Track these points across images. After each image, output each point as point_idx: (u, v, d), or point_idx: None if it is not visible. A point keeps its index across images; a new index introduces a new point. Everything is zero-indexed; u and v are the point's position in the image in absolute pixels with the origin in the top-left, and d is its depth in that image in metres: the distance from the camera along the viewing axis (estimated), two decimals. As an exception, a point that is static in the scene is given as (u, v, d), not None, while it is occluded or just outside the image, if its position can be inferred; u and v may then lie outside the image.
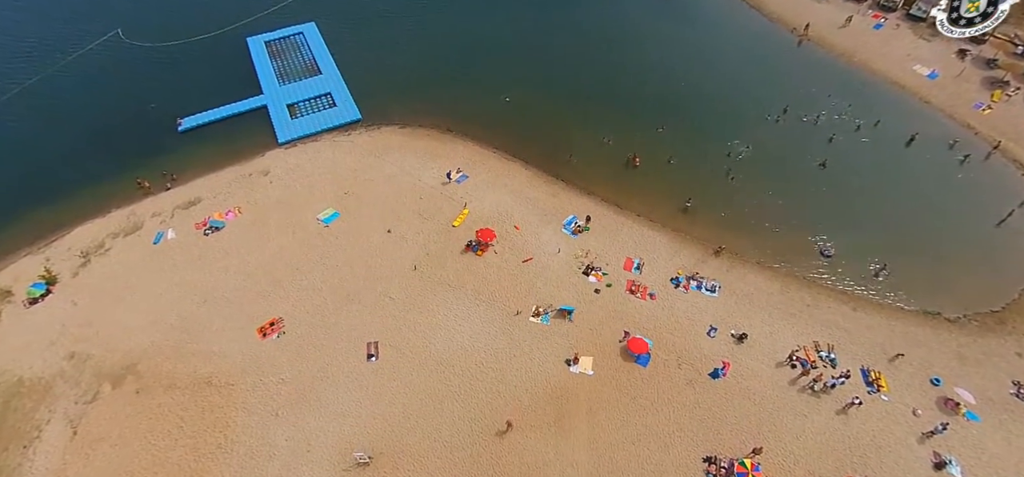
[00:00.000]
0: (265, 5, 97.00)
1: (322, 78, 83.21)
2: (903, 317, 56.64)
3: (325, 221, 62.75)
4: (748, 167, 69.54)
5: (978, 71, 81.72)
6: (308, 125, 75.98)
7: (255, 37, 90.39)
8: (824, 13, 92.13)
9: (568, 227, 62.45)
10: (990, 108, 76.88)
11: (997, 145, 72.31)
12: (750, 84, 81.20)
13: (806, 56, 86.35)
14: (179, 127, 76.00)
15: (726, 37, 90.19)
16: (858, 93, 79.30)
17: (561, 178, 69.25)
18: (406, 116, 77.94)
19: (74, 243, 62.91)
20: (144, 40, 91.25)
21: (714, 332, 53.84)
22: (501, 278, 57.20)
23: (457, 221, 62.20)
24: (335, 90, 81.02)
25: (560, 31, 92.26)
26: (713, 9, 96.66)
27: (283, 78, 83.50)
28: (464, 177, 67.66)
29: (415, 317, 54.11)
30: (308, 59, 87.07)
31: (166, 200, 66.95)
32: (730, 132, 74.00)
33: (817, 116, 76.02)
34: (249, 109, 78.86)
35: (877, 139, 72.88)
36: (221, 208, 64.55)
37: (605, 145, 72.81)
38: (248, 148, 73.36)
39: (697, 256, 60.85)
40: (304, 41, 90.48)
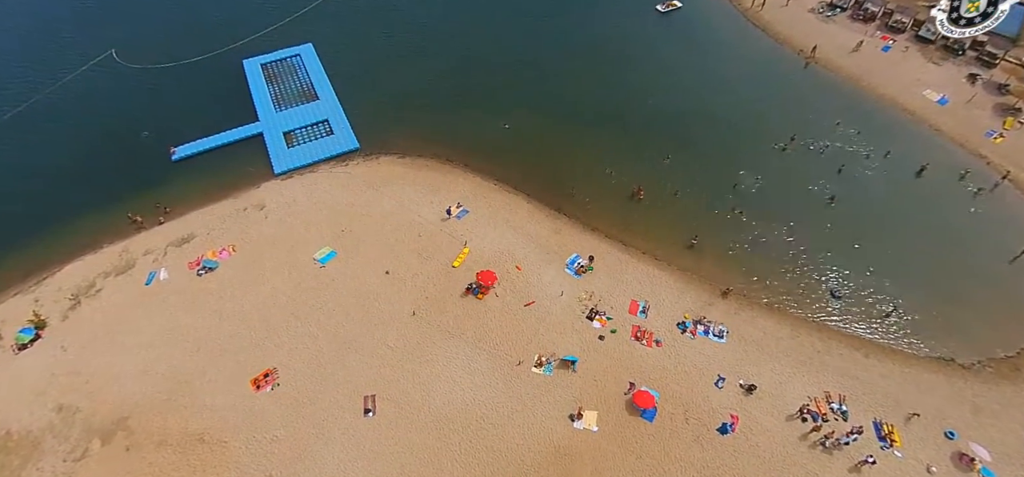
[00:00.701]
0: (261, 26, 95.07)
1: (319, 104, 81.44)
2: (916, 364, 55.05)
3: (321, 261, 61.10)
4: (755, 201, 67.83)
5: (989, 96, 79.98)
6: (305, 155, 74.25)
7: (251, 59, 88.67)
8: (832, 34, 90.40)
9: (571, 267, 60.81)
10: (1002, 136, 75.21)
11: (1006, 175, 70.56)
12: (757, 109, 79.53)
13: (813, 79, 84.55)
14: (173, 156, 74.42)
15: (732, 59, 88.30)
16: (867, 120, 77.56)
17: (564, 212, 67.56)
18: (405, 144, 76.22)
19: (64, 282, 61.34)
20: (139, 62, 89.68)
21: (722, 382, 52.24)
22: (502, 324, 55.56)
23: (457, 261, 60.56)
24: (332, 117, 79.28)
25: (561, 54, 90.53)
26: (719, 30, 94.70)
27: (279, 103, 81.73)
28: (464, 212, 65.99)
29: (414, 367, 52.51)
30: (305, 83, 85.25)
31: (159, 236, 65.33)
32: (737, 161, 72.40)
33: (825, 145, 74.38)
34: (244, 137, 76.91)
35: (887, 170, 71.19)
36: (215, 246, 62.89)
37: (608, 177, 70.97)
38: (243, 179, 71.72)
39: (704, 298, 59.19)
40: (301, 63, 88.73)
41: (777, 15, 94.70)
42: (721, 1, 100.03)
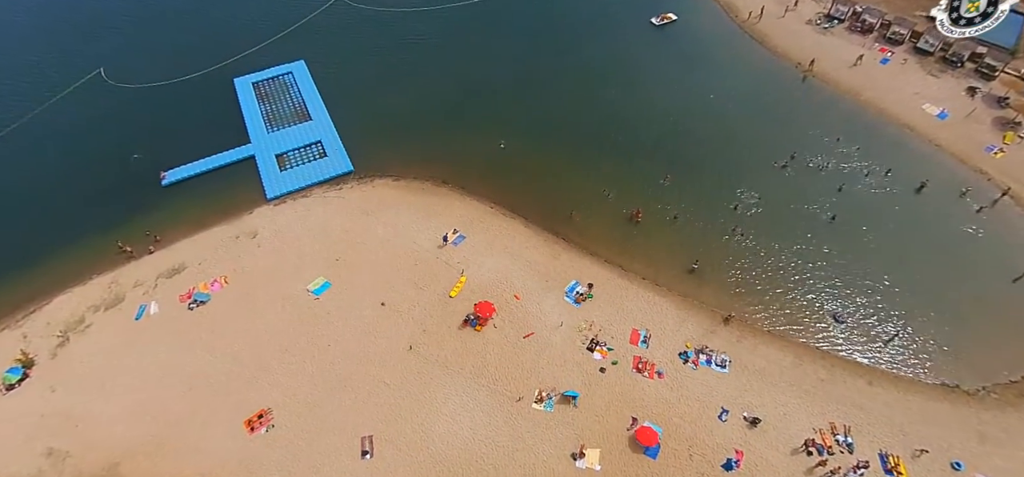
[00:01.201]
0: (252, 42, 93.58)
1: (312, 124, 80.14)
2: (920, 391, 54.29)
3: (315, 293, 59.90)
4: (756, 222, 67.00)
5: (989, 110, 79.33)
6: (298, 178, 73.01)
7: (242, 78, 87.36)
8: (830, 47, 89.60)
9: (570, 295, 59.82)
10: (1002, 151, 74.57)
11: (1007, 191, 69.93)
12: (755, 126, 78.65)
13: (812, 94, 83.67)
14: (163, 181, 73.15)
15: (729, 74, 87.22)
16: (866, 135, 76.85)
17: (562, 237, 66.54)
18: (399, 166, 75.09)
19: (52, 317, 60.05)
20: (127, 81, 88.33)
21: (726, 415, 51.37)
22: (502, 357, 54.53)
23: (454, 291, 59.47)
24: (326, 138, 78.01)
25: (557, 71, 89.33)
26: (715, 43, 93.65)
27: (271, 124, 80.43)
28: (461, 238, 64.90)
29: (411, 406, 51.42)
30: (297, 102, 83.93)
31: (149, 266, 64.02)
32: (736, 180, 71.56)
33: (825, 163, 73.63)
34: (236, 160, 75.56)
35: (888, 188, 70.53)
36: (206, 278, 61.61)
37: (606, 199, 69.87)
38: (235, 205, 70.48)
39: (705, 325, 58.30)
40: (293, 81, 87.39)
41: (774, 27, 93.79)
42: (717, 13, 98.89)
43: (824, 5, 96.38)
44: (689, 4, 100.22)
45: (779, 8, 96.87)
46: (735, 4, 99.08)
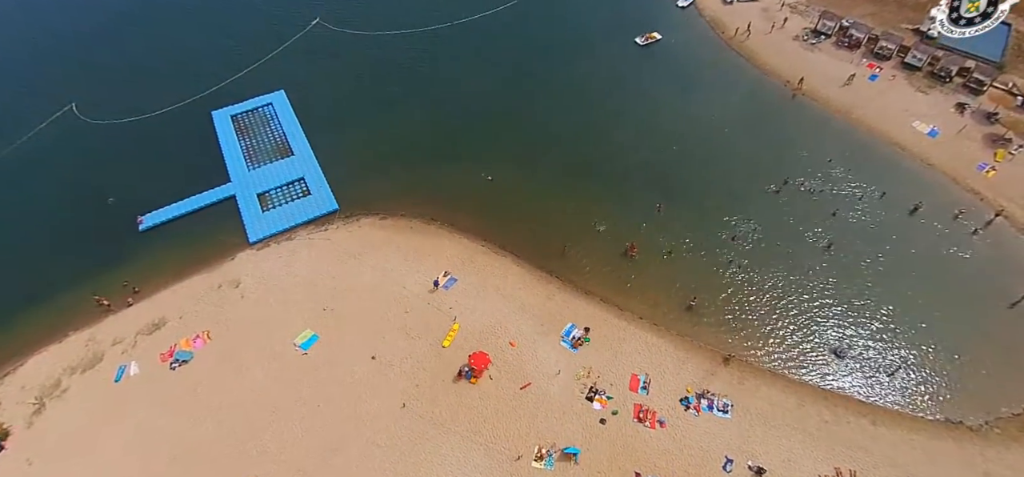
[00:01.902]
0: (229, 72, 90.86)
1: (294, 160, 77.76)
2: (924, 429, 53.59)
3: (303, 347, 57.79)
4: (752, 254, 66.05)
5: (979, 126, 78.90)
6: (281, 219, 70.71)
7: (221, 111, 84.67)
8: (818, 64, 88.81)
9: (567, 339, 58.28)
10: (994, 169, 74.14)
11: (1000, 211, 69.48)
12: (747, 148, 77.61)
13: (802, 113, 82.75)
14: (140, 226, 70.59)
15: (718, 94, 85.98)
16: (858, 156, 76.13)
17: (555, 274, 64.93)
18: (385, 203, 73.07)
19: (28, 380, 57.55)
20: (100, 116, 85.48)
21: (730, 466, 50.21)
22: (499, 412, 52.86)
23: (447, 340, 57.66)
24: (309, 174, 75.68)
25: (542, 97, 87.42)
26: (702, 62, 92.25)
27: (252, 160, 77.91)
28: (453, 280, 63.06)
29: (406, 470, 49.62)
30: (278, 135, 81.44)
31: (128, 321, 61.54)
32: (729, 207, 70.53)
33: (819, 186, 72.80)
34: (216, 200, 73.02)
35: (882, 212, 69.85)
36: (188, 333, 59.25)
37: (598, 232, 68.41)
38: (216, 250, 68.15)
39: (705, 366, 57.07)
40: (273, 113, 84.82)
41: (761, 44, 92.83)
42: (704, 30, 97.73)
43: (810, 20, 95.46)
44: (674, 22, 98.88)
45: (766, 24, 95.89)
46: (722, 20, 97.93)
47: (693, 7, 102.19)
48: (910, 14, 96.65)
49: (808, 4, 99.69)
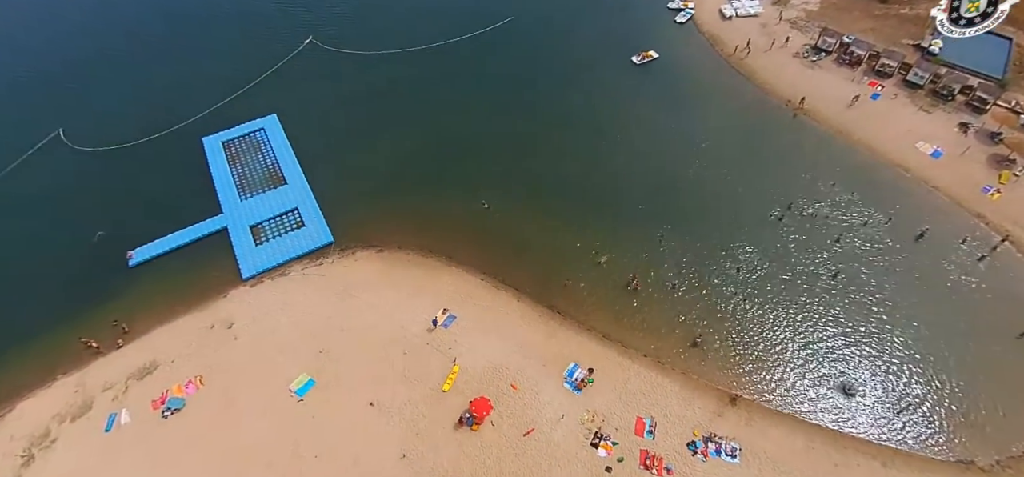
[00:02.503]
0: (219, 95, 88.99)
1: (287, 189, 76.02)
2: (935, 471, 52.71)
3: (299, 393, 56.19)
4: (757, 284, 64.95)
5: (983, 147, 77.88)
6: (274, 253, 69.05)
7: (211, 137, 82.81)
8: (819, 82, 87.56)
9: (570, 380, 56.90)
10: (998, 192, 73.12)
11: (1006, 237, 68.47)
12: (749, 172, 76.37)
13: (803, 135, 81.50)
14: (130, 261, 68.78)
15: (718, 115, 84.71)
16: (862, 179, 75.02)
17: (557, 309, 63.56)
18: (381, 234, 71.57)
19: (16, 429, 56.02)
20: (88, 143, 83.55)
21: (740, 515, 48.75)
22: (502, 462, 51.48)
23: (447, 384, 56.17)
24: (302, 205, 73.99)
25: (538, 120, 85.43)
26: (701, 81, 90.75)
27: (244, 190, 76.16)
28: (452, 318, 61.57)
29: (408, 527, 47.99)
30: (271, 162, 79.66)
31: (118, 364, 59.92)
32: (733, 235, 69.48)
33: (822, 212, 71.72)
34: (208, 233, 71.24)
35: (888, 239, 68.78)
36: (181, 378, 57.61)
37: (600, 263, 67.03)
38: (209, 287, 66.48)
39: (712, 407, 55.83)
40: (265, 139, 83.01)
41: (761, 61, 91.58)
42: (702, 47, 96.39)
43: (811, 36, 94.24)
44: (672, 38, 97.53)
45: (765, 40, 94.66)
46: (720, 37, 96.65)
47: (691, 22, 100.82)
48: (911, 29, 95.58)
49: (808, 20, 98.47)
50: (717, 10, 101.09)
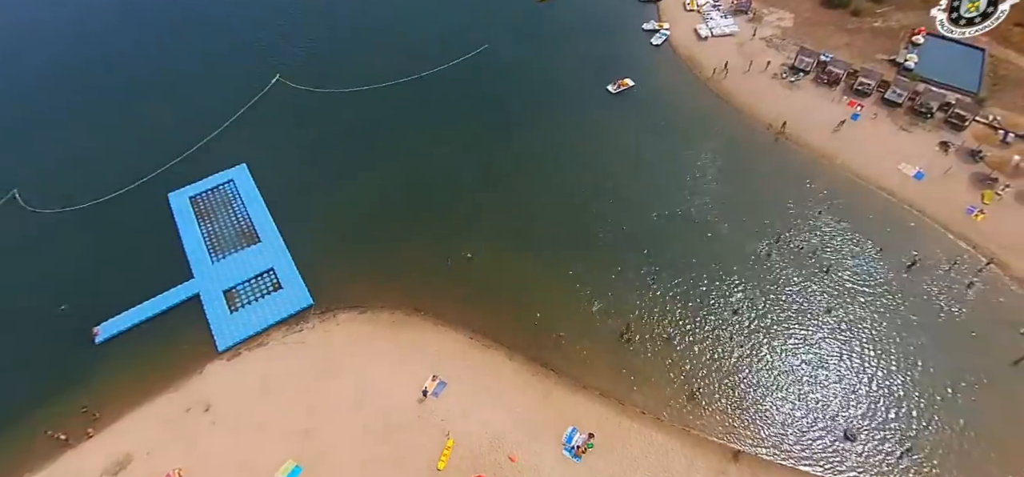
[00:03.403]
0: (184, 145, 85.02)
1: (262, 247, 72.69)
2: (943, 515, 51.56)
3: (285, 483, 53.16)
4: (751, 327, 64.04)
5: (964, 165, 77.96)
6: (251, 321, 65.85)
7: (178, 192, 79.00)
8: (800, 105, 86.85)
9: (569, 447, 55.05)
10: (982, 212, 73.20)
11: (991, 260, 68.66)
12: (734, 203, 75.39)
13: (787, 160, 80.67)
14: (96, 338, 64.94)
15: (700, 144, 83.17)
16: (847, 207, 74.64)
17: (551, 366, 61.67)
18: (363, 291, 68.74)
19: (-21, 542, 51.67)
20: (47, 204, 79.28)
21: None
22: (504, 544, 49.12)
23: (442, 462, 53.84)
24: (278, 264, 70.78)
25: (515, 158, 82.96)
26: (681, 110, 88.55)
27: (215, 250, 72.65)
28: (442, 385, 59.19)
29: None
30: (242, 218, 76.16)
31: (89, 458, 56.45)
32: (724, 274, 68.54)
33: (810, 243, 71.14)
34: (179, 301, 67.67)
35: (879, 270, 68.45)
36: (158, 473, 54.38)
37: (591, 312, 65.22)
38: (182, 363, 63.21)
39: (715, 465, 54.62)
40: (235, 192, 79.39)
41: (740, 84, 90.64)
42: (678, 70, 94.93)
43: (788, 55, 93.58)
44: (648, 63, 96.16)
45: (743, 61, 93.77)
46: (697, 59, 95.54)
47: (667, 44, 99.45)
48: (885, 43, 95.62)
49: (783, 37, 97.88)
50: (692, 30, 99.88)
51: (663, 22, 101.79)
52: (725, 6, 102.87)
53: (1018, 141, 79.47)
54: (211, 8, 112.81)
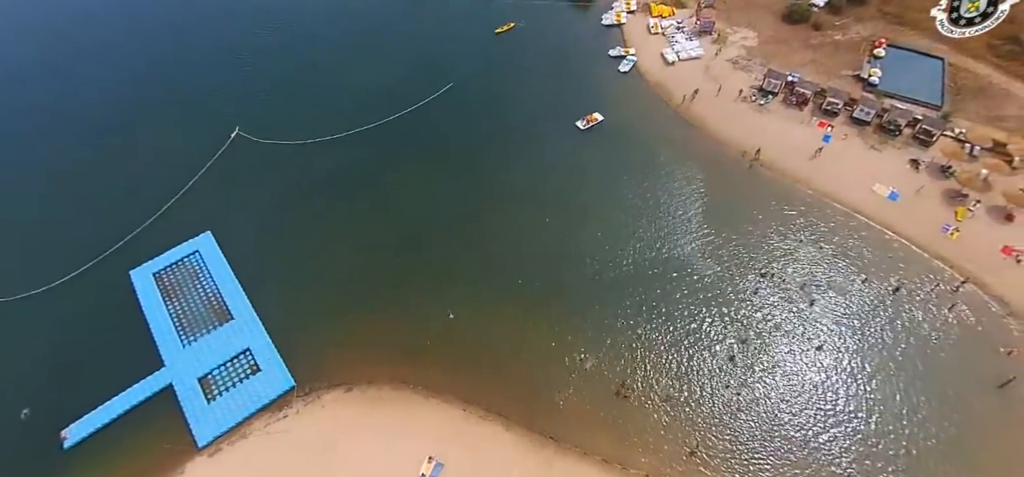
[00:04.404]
0: (145, 211, 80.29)
1: (235, 325, 69.38)
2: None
3: None
4: (747, 375, 63.59)
5: (936, 182, 79.19)
6: (231, 411, 62.75)
7: (140, 269, 74.85)
8: (772, 129, 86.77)
9: (575, 522, 53.42)
10: (957, 230, 74.38)
11: (965, 280, 69.92)
12: (717, 243, 74.92)
13: (764, 189, 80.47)
14: (64, 443, 60.90)
15: (676, 177, 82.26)
16: (828, 232, 75.34)
17: (549, 434, 60.31)
18: (346, 366, 66.12)
19: None
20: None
21: None
22: None
23: (447, 553, 51.65)
24: (255, 343, 67.67)
25: (488, 206, 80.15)
26: (654, 142, 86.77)
27: (186, 332, 69.18)
28: (439, 467, 57.34)
29: None
30: (212, 293, 72.58)
31: None
32: (714, 315, 68.19)
33: (795, 276, 71.40)
34: (151, 394, 64.07)
35: (865, 301, 68.98)
36: None
37: (585, 369, 64.11)
38: (160, 465, 60.05)
39: (722, 526, 53.50)
40: (201, 263, 75.65)
41: (710, 109, 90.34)
42: (648, 98, 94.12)
43: (755, 77, 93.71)
44: (617, 94, 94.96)
45: (711, 84, 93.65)
46: (666, 85, 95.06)
47: (635, 71, 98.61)
48: (847, 57, 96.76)
49: (749, 57, 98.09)
50: (659, 55, 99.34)
51: (629, 48, 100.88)
52: (689, 28, 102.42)
53: (984, 154, 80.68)
54: (160, 58, 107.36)
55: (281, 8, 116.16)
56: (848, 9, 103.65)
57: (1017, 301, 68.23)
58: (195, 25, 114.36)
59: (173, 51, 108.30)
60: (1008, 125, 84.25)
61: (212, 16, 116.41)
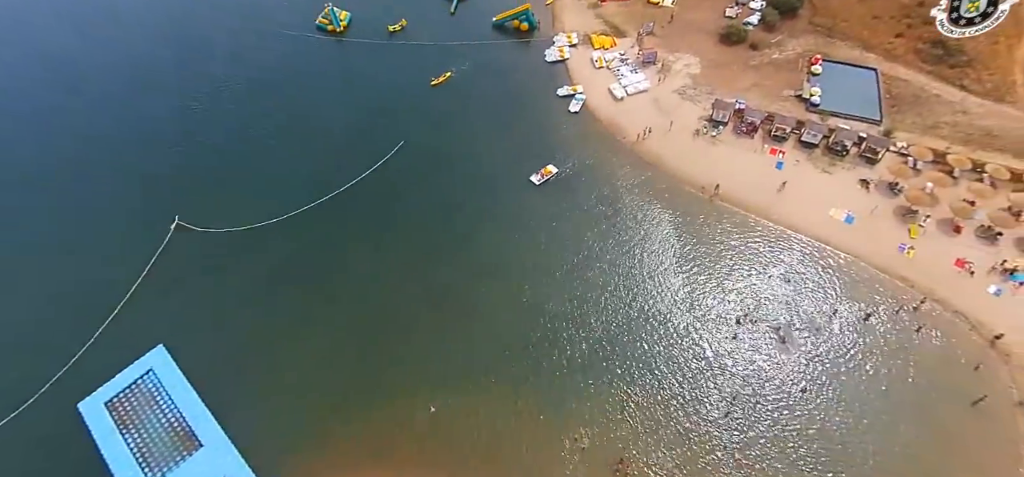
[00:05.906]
0: (84, 334, 73.37)
1: (206, 453, 64.82)
2: None
3: None
4: (741, 430, 64.00)
5: (886, 200, 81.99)
6: (215, 555, 58.09)
7: (88, 400, 68.68)
8: (727, 162, 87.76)
9: None
10: (913, 248, 77.20)
11: (924, 299, 72.51)
12: (690, 291, 75.49)
13: (726, 225, 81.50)
14: None
15: (643, 223, 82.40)
16: (793, 266, 77.11)
17: (553, 526, 58.51)
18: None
19: None
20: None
21: None
22: None
23: None
24: (229, 471, 63.07)
25: (452, 282, 77.45)
26: (615, 190, 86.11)
27: (150, 468, 64.23)
28: None
29: None
30: (174, 418, 67.56)
31: None
32: (701, 372, 68.44)
33: (769, 314, 72.62)
34: (123, 550, 58.92)
35: (839, 334, 70.74)
36: None
37: (583, 451, 62.79)
38: None
39: None
40: (158, 383, 70.17)
41: (665, 146, 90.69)
42: (601, 139, 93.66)
43: (703, 106, 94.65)
44: (569, 137, 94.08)
45: (663, 119, 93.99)
46: (618, 123, 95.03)
47: (585, 109, 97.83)
48: (787, 77, 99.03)
49: (694, 85, 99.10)
50: (607, 91, 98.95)
51: (576, 85, 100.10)
52: (633, 60, 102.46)
53: (927, 167, 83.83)
54: (85, 144, 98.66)
55: (211, 76, 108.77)
56: (781, 25, 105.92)
57: (975, 313, 71.24)
58: (117, 95, 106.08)
59: (96, 136, 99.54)
60: (943, 133, 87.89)
61: (131, 83, 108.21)
